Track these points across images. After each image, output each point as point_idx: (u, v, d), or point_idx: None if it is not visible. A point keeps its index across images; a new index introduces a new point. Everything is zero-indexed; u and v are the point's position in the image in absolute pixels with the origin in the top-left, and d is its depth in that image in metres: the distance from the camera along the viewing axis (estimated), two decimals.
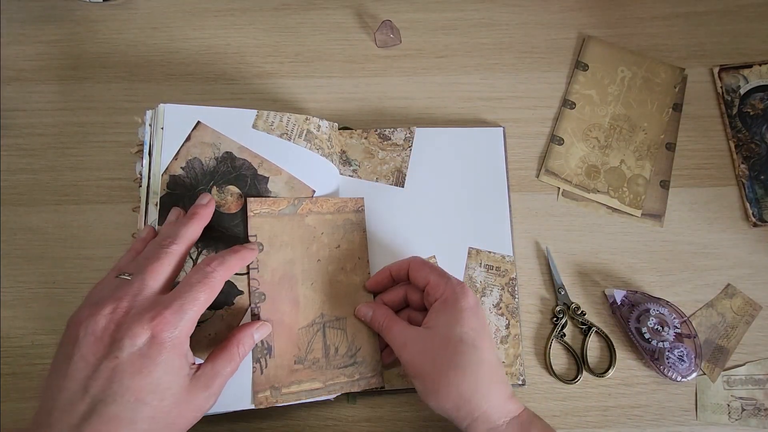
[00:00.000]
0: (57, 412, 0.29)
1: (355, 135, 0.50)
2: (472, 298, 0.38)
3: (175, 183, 0.41)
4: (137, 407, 0.30)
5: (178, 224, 0.37)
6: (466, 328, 0.37)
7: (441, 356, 0.37)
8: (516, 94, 0.53)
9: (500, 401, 0.36)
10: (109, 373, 0.30)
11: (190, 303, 0.33)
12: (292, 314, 0.40)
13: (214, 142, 0.42)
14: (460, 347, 0.36)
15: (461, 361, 0.36)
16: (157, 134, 0.42)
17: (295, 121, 0.45)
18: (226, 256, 0.36)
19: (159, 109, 0.42)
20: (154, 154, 0.42)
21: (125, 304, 0.32)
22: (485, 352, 0.37)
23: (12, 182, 0.48)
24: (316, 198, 0.44)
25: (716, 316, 0.47)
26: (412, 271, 0.41)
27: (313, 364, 0.40)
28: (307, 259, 0.42)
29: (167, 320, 0.32)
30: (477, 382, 0.36)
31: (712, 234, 0.50)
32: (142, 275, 0.33)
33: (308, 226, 0.43)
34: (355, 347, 0.42)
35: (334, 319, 0.42)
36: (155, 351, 0.31)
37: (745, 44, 0.55)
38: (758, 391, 0.46)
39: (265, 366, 0.39)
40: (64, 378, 0.30)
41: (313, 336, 0.41)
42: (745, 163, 0.51)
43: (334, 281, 0.43)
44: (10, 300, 0.45)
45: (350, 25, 0.55)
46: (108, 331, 0.31)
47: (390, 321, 0.40)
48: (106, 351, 0.31)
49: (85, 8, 0.54)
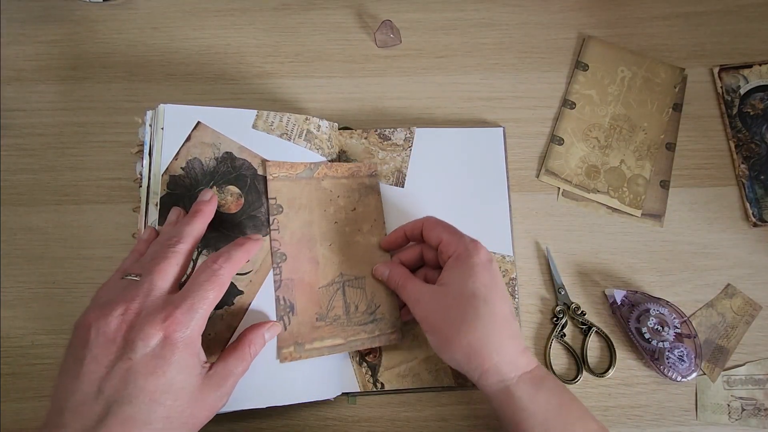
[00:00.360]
0: (70, 414, 0.29)
1: (355, 135, 0.50)
2: (485, 254, 0.39)
3: (175, 183, 0.41)
4: (152, 408, 0.30)
5: (183, 223, 0.36)
6: (478, 284, 0.37)
7: (453, 311, 0.37)
8: (516, 94, 0.53)
9: (512, 355, 0.37)
10: (124, 374, 0.30)
11: (201, 302, 0.33)
12: (312, 274, 0.42)
13: (214, 142, 0.42)
14: (471, 301, 0.37)
15: (472, 315, 0.37)
16: (157, 134, 0.42)
17: (295, 121, 0.45)
18: (232, 252, 0.36)
19: (159, 110, 0.42)
20: (154, 154, 0.41)
21: (136, 306, 0.32)
22: (497, 306, 0.37)
23: (12, 182, 0.48)
24: (331, 163, 0.45)
25: (716, 316, 0.47)
26: (426, 231, 0.42)
27: (334, 321, 0.41)
28: (325, 221, 0.43)
29: (179, 320, 0.32)
30: (488, 335, 0.36)
31: (712, 234, 0.50)
32: (151, 276, 0.33)
33: (325, 189, 0.44)
34: (374, 305, 0.43)
35: (353, 278, 0.43)
36: (168, 351, 0.31)
37: (745, 44, 0.55)
38: (758, 391, 0.46)
39: (289, 323, 0.40)
40: (75, 380, 0.30)
41: (334, 294, 0.42)
42: (745, 163, 0.51)
43: (352, 242, 0.44)
44: (10, 300, 0.45)
45: (350, 25, 0.55)
46: (120, 333, 0.31)
47: (405, 279, 0.41)
48: (119, 352, 0.31)
49: (85, 8, 0.54)
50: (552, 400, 0.36)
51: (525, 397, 0.36)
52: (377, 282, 0.44)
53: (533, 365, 0.37)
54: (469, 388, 0.45)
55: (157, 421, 0.30)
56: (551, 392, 0.36)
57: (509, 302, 0.39)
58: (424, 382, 0.44)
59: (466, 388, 0.45)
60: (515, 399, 0.36)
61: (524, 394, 0.36)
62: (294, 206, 0.42)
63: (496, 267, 0.39)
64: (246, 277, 0.41)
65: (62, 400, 0.30)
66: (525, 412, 0.36)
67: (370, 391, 0.44)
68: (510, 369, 0.36)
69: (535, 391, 0.36)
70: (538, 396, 0.36)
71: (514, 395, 0.36)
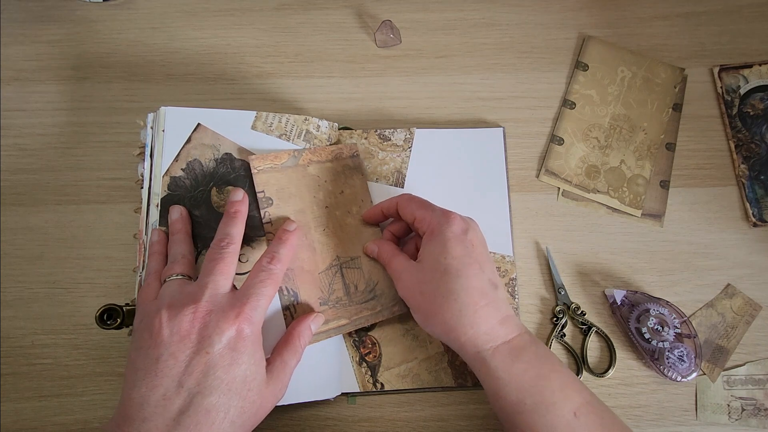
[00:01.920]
0: (151, 407, 0.31)
1: (355, 135, 0.50)
2: (457, 226, 0.39)
3: (176, 184, 0.42)
4: (231, 397, 0.33)
5: (227, 225, 0.38)
6: (450, 258, 0.37)
7: (428, 287, 0.38)
8: (516, 94, 0.53)
9: (488, 327, 0.37)
10: (203, 367, 0.32)
11: (262, 298, 0.36)
12: (310, 261, 0.43)
13: (213, 143, 0.43)
14: (444, 277, 0.37)
15: (445, 290, 0.37)
16: (158, 137, 0.42)
17: (294, 122, 0.45)
18: (279, 250, 0.38)
19: (160, 112, 0.42)
20: (155, 156, 0.42)
21: (205, 305, 0.34)
22: (471, 280, 0.37)
23: (12, 182, 0.48)
24: (314, 147, 0.45)
25: (716, 316, 0.47)
26: (400, 209, 0.42)
27: (337, 303, 0.42)
28: (316, 206, 0.44)
29: (248, 315, 0.34)
30: (461, 310, 0.36)
31: (712, 234, 0.50)
32: (214, 276, 0.36)
33: (312, 175, 0.44)
34: (372, 282, 0.44)
35: (349, 259, 0.44)
36: (242, 345, 0.34)
37: (745, 44, 0.55)
38: (758, 391, 0.46)
39: (294, 312, 0.41)
40: (154, 376, 0.32)
41: (333, 277, 0.43)
42: (745, 163, 0.51)
43: (344, 224, 0.44)
44: (10, 300, 0.45)
45: (350, 25, 0.55)
46: (194, 330, 0.33)
47: (390, 256, 0.42)
48: (195, 348, 0.33)
49: (85, 8, 0.54)
50: (530, 371, 0.36)
51: (500, 368, 0.36)
52: (372, 260, 0.44)
53: (513, 334, 0.37)
54: (469, 388, 0.45)
55: (234, 410, 0.33)
56: (529, 363, 0.36)
57: (487, 272, 0.38)
58: (423, 383, 0.44)
59: (466, 388, 0.45)
60: (491, 369, 0.36)
61: (500, 364, 0.36)
62: (284, 196, 0.43)
63: (473, 236, 0.39)
64: (245, 276, 0.41)
65: (140, 396, 0.32)
66: (500, 381, 0.36)
67: (369, 391, 0.44)
68: (486, 340, 0.36)
69: (511, 362, 0.36)
70: (514, 367, 0.36)
71: (490, 366, 0.36)
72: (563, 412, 0.35)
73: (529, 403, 0.35)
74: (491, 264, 0.39)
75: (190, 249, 0.39)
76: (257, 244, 0.41)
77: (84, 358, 0.44)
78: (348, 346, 0.45)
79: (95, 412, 0.43)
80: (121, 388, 0.42)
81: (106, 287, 0.46)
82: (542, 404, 0.35)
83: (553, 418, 0.34)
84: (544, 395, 0.35)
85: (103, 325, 0.39)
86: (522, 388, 0.35)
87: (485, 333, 0.37)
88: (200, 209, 0.42)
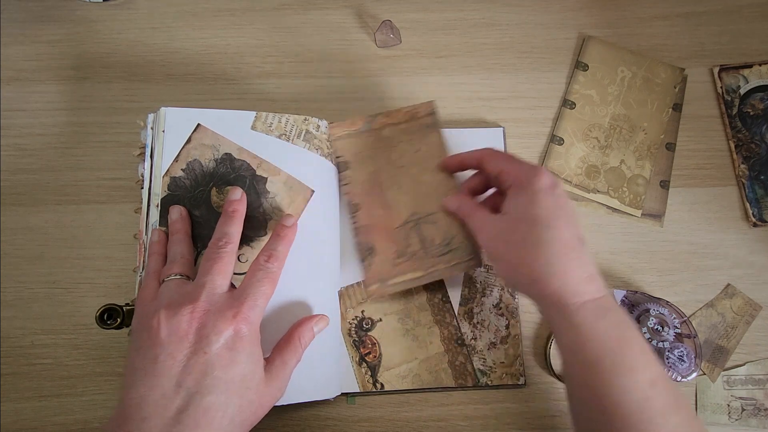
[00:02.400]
0: (150, 407, 0.31)
1: None
2: (547, 179, 0.38)
3: (176, 185, 0.42)
4: (229, 397, 0.33)
5: (225, 224, 0.38)
6: (539, 210, 0.37)
7: (515, 236, 0.38)
8: (516, 94, 0.53)
9: (575, 281, 0.36)
10: (202, 367, 0.32)
11: (261, 297, 0.36)
12: (385, 217, 0.45)
13: (213, 143, 0.43)
14: (532, 228, 0.37)
15: (533, 240, 0.36)
16: (158, 137, 0.42)
17: (293, 122, 0.45)
18: (277, 248, 0.38)
19: (160, 113, 0.42)
20: (155, 157, 0.42)
21: (202, 304, 0.34)
22: (560, 231, 0.36)
23: (12, 182, 0.48)
24: (388, 111, 0.48)
25: (716, 316, 0.47)
26: (485, 162, 0.42)
27: (413, 256, 0.44)
28: (390, 166, 0.46)
29: (246, 315, 0.34)
30: (549, 261, 0.36)
31: (712, 234, 0.50)
32: (212, 275, 0.36)
33: (386, 137, 0.47)
34: (449, 236, 0.44)
35: (425, 215, 0.45)
36: (240, 344, 0.34)
37: (745, 44, 0.55)
38: (758, 391, 0.46)
39: (371, 264, 0.44)
40: (152, 376, 0.32)
41: (409, 232, 0.44)
42: (745, 163, 0.51)
43: (420, 181, 0.46)
44: (10, 300, 0.45)
45: (350, 25, 0.55)
46: (192, 330, 0.33)
47: (471, 210, 0.42)
48: (193, 348, 0.33)
49: (85, 8, 0.54)
50: (613, 331, 0.35)
51: (585, 323, 0.35)
52: (450, 214, 0.45)
53: (600, 294, 0.36)
54: (469, 388, 0.45)
55: (232, 409, 0.33)
56: (613, 324, 0.35)
57: (576, 228, 0.37)
58: (424, 383, 0.44)
59: (466, 388, 0.45)
60: (574, 325, 0.35)
61: (584, 321, 0.35)
62: (359, 159, 0.46)
63: (561, 191, 0.38)
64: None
65: (139, 396, 0.32)
66: (582, 337, 0.35)
67: (369, 391, 0.44)
68: (572, 293, 0.35)
69: (595, 320, 0.35)
70: (598, 325, 0.35)
71: (573, 321, 0.35)
72: (640, 378, 0.33)
73: (608, 363, 0.34)
74: (576, 220, 0.38)
75: (189, 249, 0.39)
76: (257, 244, 0.41)
77: (84, 358, 0.44)
78: (348, 346, 0.45)
79: (95, 412, 0.43)
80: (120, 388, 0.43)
81: (106, 287, 0.46)
82: (622, 366, 0.34)
83: (629, 382, 0.33)
84: (624, 358, 0.34)
85: (103, 325, 0.39)
86: (604, 347, 0.34)
87: (572, 286, 0.36)
88: (200, 209, 0.42)
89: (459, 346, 0.45)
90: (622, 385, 0.33)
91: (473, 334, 0.46)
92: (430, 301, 0.46)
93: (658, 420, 0.32)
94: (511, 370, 0.45)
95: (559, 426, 0.44)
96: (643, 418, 0.33)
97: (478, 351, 0.45)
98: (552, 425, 0.44)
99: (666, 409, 0.33)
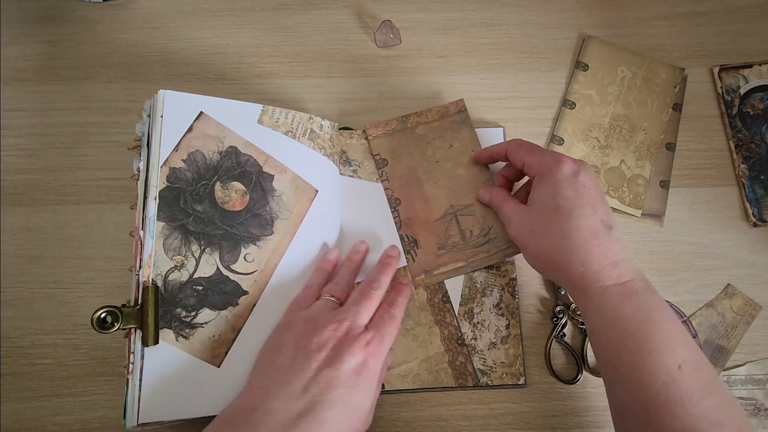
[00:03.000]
0: (277, 402, 0.33)
1: (355, 135, 0.50)
2: (568, 168, 0.39)
3: (176, 176, 0.40)
4: (343, 418, 0.34)
5: (380, 272, 0.42)
6: (561, 199, 0.38)
7: (539, 227, 0.39)
8: (516, 94, 0.53)
9: (599, 266, 0.37)
10: (329, 381, 0.34)
11: (387, 336, 0.38)
12: (425, 210, 0.47)
13: (218, 135, 0.41)
14: (555, 217, 0.38)
15: (556, 229, 0.38)
16: (156, 123, 0.39)
17: (299, 120, 0.45)
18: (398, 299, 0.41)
19: (159, 96, 0.40)
20: (152, 144, 0.39)
21: (346, 326, 0.37)
22: (582, 219, 0.37)
23: (12, 182, 0.48)
24: (420, 110, 0.50)
25: (716, 316, 0.47)
26: (510, 155, 0.44)
27: (453, 247, 0.46)
28: (426, 162, 0.48)
29: (376, 348, 0.37)
30: (572, 248, 0.37)
31: (712, 234, 0.50)
32: (358, 308, 0.38)
33: (420, 135, 0.49)
34: (486, 227, 0.46)
35: (462, 207, 0.47)
36: (365, 373, 0.36)
37: (745, 44, 0.55)
38: (758, 391, 0.46)
39: (415, 255, 0.46)
40: (286, 374, 0.35)
41: (449, 224, 0.47)
42: (745, 163, 0.51)
43: (455, 175, 0.48)
44: (10, 300, 0.45)
45: (350, 25, 0.55)
46: (330, 345, 0.36)
47: (501, 201, 0.44)
48: (327, 361, 0.35)
49: (85, 8, 0.54)
50: (637, 315, 0.35)
51: (607, 307, 0.36)
52: (485, 206, 0.47)
53: (627, 278, 0.37)
54: (469, 388, 0.45)
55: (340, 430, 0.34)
56: (638, 308, 0.35)
57: (600, 213, 0.38)
58: (424, 383, 0.44)
59: (466, 388, 0.45)
60: (597, 307, 0.36)
61: (607, 304, 0.36)
62: (396, 156, 0.49)
63: (585, 178, 0.39)
64: (251, 277, 0.40)
65: (269, 389, 0.34)
66: (605, 319, 0.36)
67: None
68: (596, 279, 0.36)
69: (619, 303, 0.36)
70: (621, 308, 0.35)
71: (597, 305, 0.36)
72: (667, 360, 0.33)
73: (630, 345, 0.34)
74: (605, 206, 0.39)
75: (353, 279, 0.43)
76: (263, 243, 0.41)
77: (84, 358, 0.44)
78: None
79: (95, 412, 0.43)
80: (121, 387, 0.43)
81: (106, 287, 0.46)
82: (644, 349, 0.34)
83: (654, 364, 0.33)
84: (648, 341, 0.34)
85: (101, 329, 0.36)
86: (626, 330, 0.35)
87: (596, 272, 0.37)
88: (203, 204, 0.40)
89: (459, 346, 0.45)
90: (645, 366, 0.34)
91: (473, 334, 0.46)
92: (430, 301, 0.46)
93: (685, 402, 0.33)
94: (512, 370, 0.45)
95: (559, 426, 0.44)
96: (669, 399, 0.33)
97: (478, 351, 0.45)
98: (552, 425, 0.44)
99: (694, 393, 0.33)
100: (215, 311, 0.39)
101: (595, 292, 0.36)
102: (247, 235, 0.41)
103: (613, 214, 0.40)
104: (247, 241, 0.40)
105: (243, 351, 0.39)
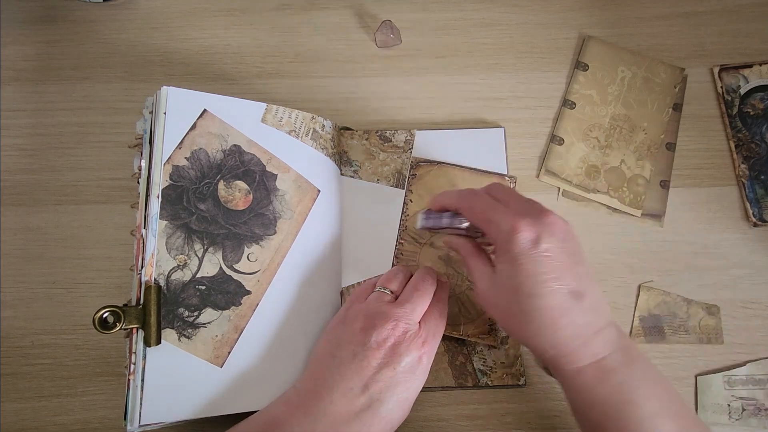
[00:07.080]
0: (339, 394, 0.35)
1: (356, 136, 0.50)
2: (526, 238, 0.34)
3: (179, 174, 0.39)
4: (395, 413, 0.36)
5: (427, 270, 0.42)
6: (521, 277, 0.34)
7: (502, 302, 0.36)
8: (516, 94, 0.53)
9: (571, 348, 0.34)
10: (388, 380, 0.35)
11: (439, 333, 0.39)
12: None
13: (221, 133, 0.41)
14: (516, 297, 0.35)
15: (518, 310, 0.35)
16: (158, 120, 0.39)
17: (302, 119, 0.45)
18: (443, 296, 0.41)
19: (162, 92, 0.39)
20: (155, 141, 0.39)
21: (403, 326, 0.37)
22: (545, 299, 0.34)
23: (12, 182, 0.48)
24: None
25: (683, 313, 0.47)
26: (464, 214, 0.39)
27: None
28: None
29: (431, 347, 0.38)
30: (536, 332, 0.35)
31: (712, 234, 0.50)
32: (413, 305, 0.38)
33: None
34: None
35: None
36: (420, 372, 0.37)
37: (745, 44, 0.55)
38: (759, 391, 0.46)
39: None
40: (348, 369, 0.36)
41: None
42: (745, 163, 0.51)
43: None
44: (10, 300, 0.45)
45: (350, 25, 0.55)
46: (389, 343, 0.36)
47: (468, 255, 0.40)
48: (386, 360, 0.36)
49: (85, 8, 0.54)
50: (616, 396, 0.34)
51: (584, 389, 0.35)
52: None
53: (603, 354, 0.34)
54: (469, 388, 0.45)
55: (391, 425, 0.36)
56: (617, 387, 0.34)
57: (569, 282, 0.34)
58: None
59: (466, 388, 0.45)
60: (575, 388, 0.36)
61: (583, 386, 0.35)
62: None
63: (547, 244, 0.34)
64: (254, 276, 0.40)
65: (333, 380, 0.36)
66: (583, 402, 0.36)
67: None
68: (569, 361, 0.35)
69: (595, 385, 0.34)
70: (598, 389, 0.34)
71: (572, 385, 0.36)
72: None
73: (612, 427, 0.34)
74: (575, 269, 0.35)
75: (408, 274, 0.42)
76: (266, 243, 0.41)
77: (84, 358, 0.44)
78: None
79: (95, 412, 0.43)
80: (121, 387, 0.43)
81: (106, 287, 0.46)
82: (626, 430, 0.33)
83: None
84: (629, 423, 0.33)
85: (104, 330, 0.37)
86: (606, 413, 0.34)
87: (568, 354, 0.35)
88: (206, 203, 0.40)
89: (459, 346, 0.45)
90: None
91: None
92: None
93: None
94: (512, 370, 0.45)
95: (559, 426, 0.44)
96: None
97: (478, 351, 0.45)
98: (552, 425, 0.44)
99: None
100: (218, 311, 0.39)
101: (569, 374, 0.35)
102: (250, 234, 0.41)
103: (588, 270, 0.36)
104: (251, 241, 0.40)
105: (246, 351, 0.39)
